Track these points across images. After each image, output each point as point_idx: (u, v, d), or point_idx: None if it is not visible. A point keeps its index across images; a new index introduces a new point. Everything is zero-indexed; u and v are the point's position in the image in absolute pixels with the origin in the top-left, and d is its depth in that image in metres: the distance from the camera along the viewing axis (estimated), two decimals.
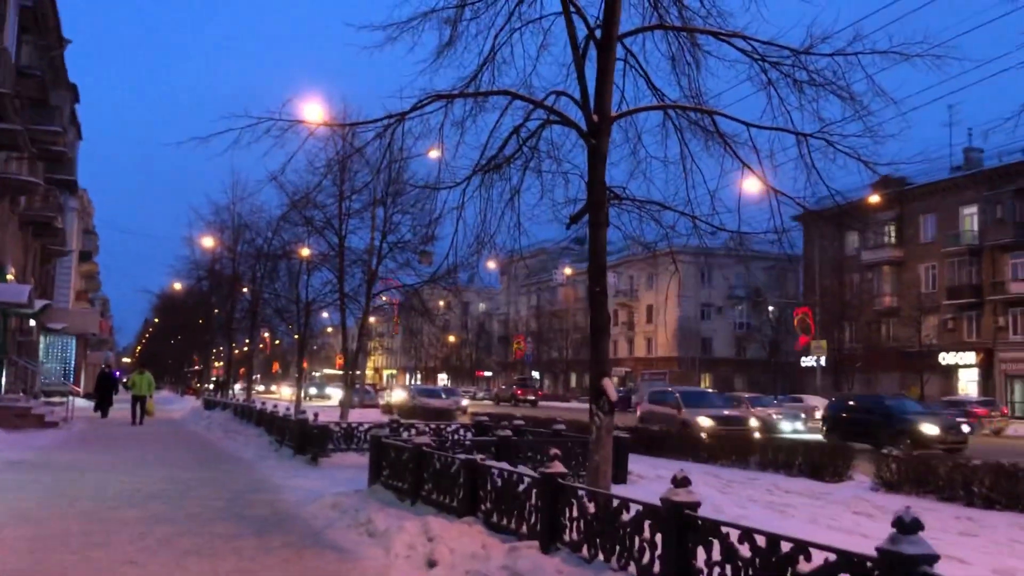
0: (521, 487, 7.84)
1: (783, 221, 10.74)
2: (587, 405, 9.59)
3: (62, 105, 35.94)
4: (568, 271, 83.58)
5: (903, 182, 53.93)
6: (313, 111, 11.34)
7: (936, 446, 21.34)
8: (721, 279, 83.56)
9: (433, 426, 18.52)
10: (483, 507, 8.53)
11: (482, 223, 10.03)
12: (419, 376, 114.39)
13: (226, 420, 27.20)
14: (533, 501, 7.54)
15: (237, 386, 46.81)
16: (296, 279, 27.99)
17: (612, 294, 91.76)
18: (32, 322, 37.00)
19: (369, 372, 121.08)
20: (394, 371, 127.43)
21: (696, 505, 5.64)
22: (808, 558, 4.64)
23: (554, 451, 7.58)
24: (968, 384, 54.27)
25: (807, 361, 64.01)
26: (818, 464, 15.30)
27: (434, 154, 13.66)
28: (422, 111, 10.20)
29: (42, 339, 43.34)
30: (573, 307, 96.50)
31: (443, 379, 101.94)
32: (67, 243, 45.77)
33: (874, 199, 43.62)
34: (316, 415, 17.59)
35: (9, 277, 29.63)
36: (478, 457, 8.84)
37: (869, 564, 4.23)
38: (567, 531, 7.04)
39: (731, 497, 12.76)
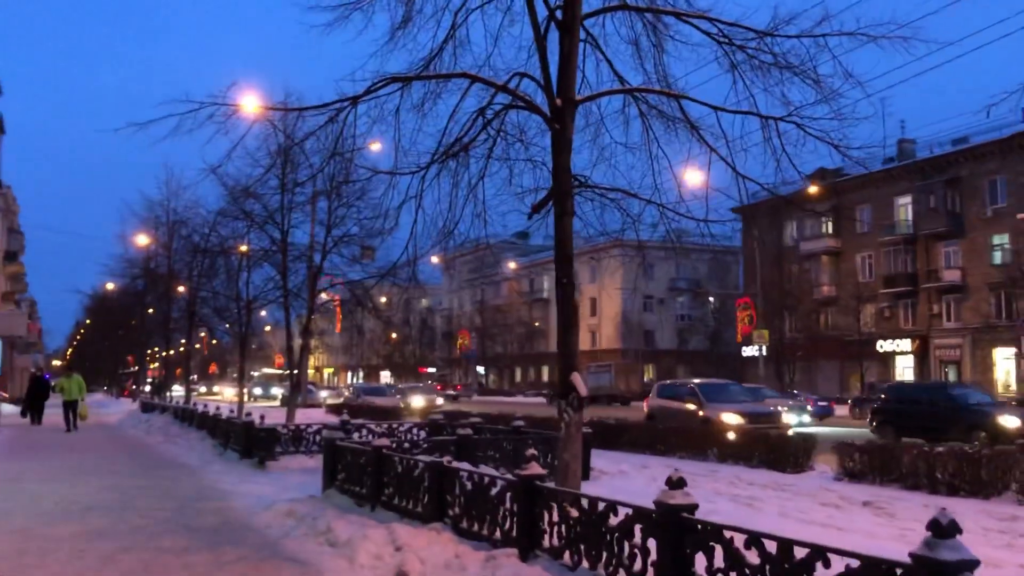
0: (494, 491, 7.40)
1: (741, 207, 10.55)
2: (533, 399, 9.23)
3: None
4: (512, 265, 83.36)
5: (838, 173, 54.81)
6: (254, 100, 10.71)
7: (1017, 441, 18.11)
8: (662, 271, 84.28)
9: (385, 426, 17.99)
10: (451, 512, 8.07)
11: (449, 210, 9.55)
12: (361, 374, 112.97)
13: (166, 423, 26.18)
14: (508, 505, 7.11)
15: (176, 387, 45.31)
16: (236, 276, 27.03)
17: (554, 288, 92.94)
18: None
19: (310, 371, 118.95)
20: (333, 369, 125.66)
21: (694, 508, 5.30)
22: (827, 564, 4.29)
23: (531, 452, 7.15)
24: (904, 371, 55.50)
25: (748, 351, 64.89)
26: (778, 455, 15.17)
27: (375, 147, 13.17)
28: (376, 95, 9.69)
29: None
30: (517, 302, 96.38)
31: (386, 376, 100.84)
32: None
33: (812, 190, 43.96)
34: (263, 417, 16.90)
35: None
36: (444, 459, 8.37)
37: (900, 572, 3.88)
38: (547, 536, 6.62)
39: (696, 491, 12.37)
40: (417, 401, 38.66)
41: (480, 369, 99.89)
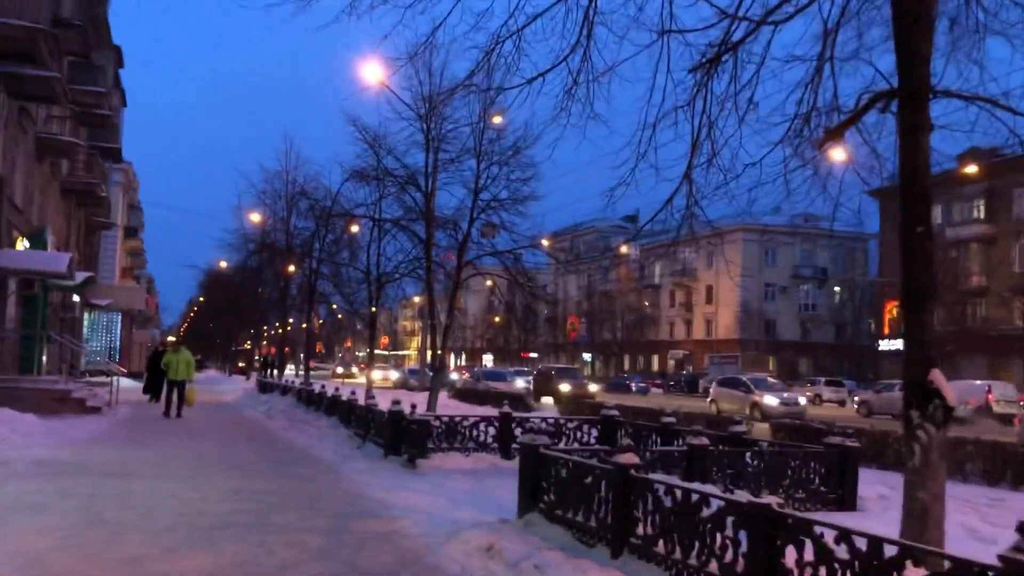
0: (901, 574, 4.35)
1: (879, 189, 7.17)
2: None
3: (105, 66, 33.00)
4: (625, 248, 79.65)
5: (994, 152, 49.34)
6: None
7: None
8: (784, 257, 79.19)
9: (552, 420, 15.22)
10: None
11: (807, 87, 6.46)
12: (463, 357, 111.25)
13: (288, 406, 24.03)
14: None
15: (287, 367, 43.63)
16: (367, 247, 24.63)
17: (668, 273, 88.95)
18: (76, 297, 34.33)
19: (412, 352, 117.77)
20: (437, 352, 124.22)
21: None
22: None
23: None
24: None
25: (885, 344, 59.84)
26: None
27: (497, 119, 10.25)
28: None
29: (86, 316, 40.80)
30: (626, 287, 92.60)
31: (488, 360, 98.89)
32: (112, 215, 43.11)
33: (970, 169, 39.12)
34: (413, 406, 14.25)
35: (50, 249, 26.77)
36: (774, 501, 5.35)
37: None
38: None
39: None
40: (564, 387, 36.44)
41: (587, 356, 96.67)
